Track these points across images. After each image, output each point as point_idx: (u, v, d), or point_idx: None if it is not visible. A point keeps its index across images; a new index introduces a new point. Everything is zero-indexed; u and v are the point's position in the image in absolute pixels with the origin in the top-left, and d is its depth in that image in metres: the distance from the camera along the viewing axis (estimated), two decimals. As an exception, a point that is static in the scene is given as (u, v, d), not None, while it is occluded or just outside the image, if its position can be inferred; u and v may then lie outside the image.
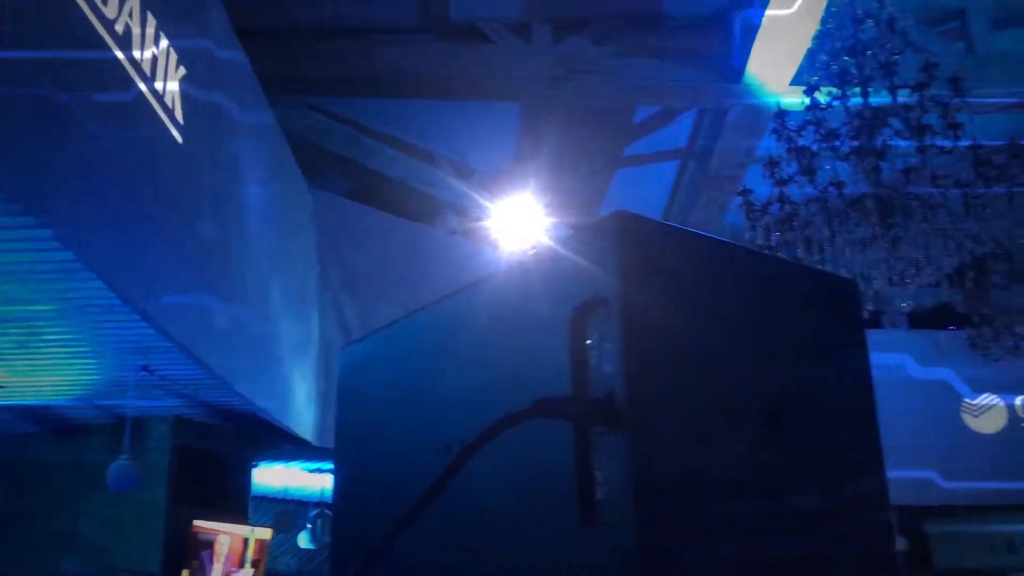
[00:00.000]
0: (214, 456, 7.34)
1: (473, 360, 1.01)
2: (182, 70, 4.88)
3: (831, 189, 5.69)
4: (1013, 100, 7.24)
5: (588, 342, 0.86)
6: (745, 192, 6.22)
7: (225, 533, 6.94)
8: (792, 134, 5.86)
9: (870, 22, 5.73)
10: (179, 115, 4.81)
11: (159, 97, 4.56)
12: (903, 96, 5.46)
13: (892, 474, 1.01)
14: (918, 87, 5.35)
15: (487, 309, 1.03)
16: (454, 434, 0.99)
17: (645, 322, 0.82)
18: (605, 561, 0.77)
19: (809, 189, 5.82)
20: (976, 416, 11.34)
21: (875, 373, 1.04)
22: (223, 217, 5.61)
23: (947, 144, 5.25)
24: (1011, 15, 7.62)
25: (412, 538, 0.82)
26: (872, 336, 1.35)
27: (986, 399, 11.38)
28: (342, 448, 1.28)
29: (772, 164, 5.98)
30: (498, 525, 0.90)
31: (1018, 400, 11.36)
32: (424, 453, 1.03)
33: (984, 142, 5.43)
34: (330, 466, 7.98)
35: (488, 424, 0.85)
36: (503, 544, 0.89)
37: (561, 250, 0.94)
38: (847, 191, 5.71)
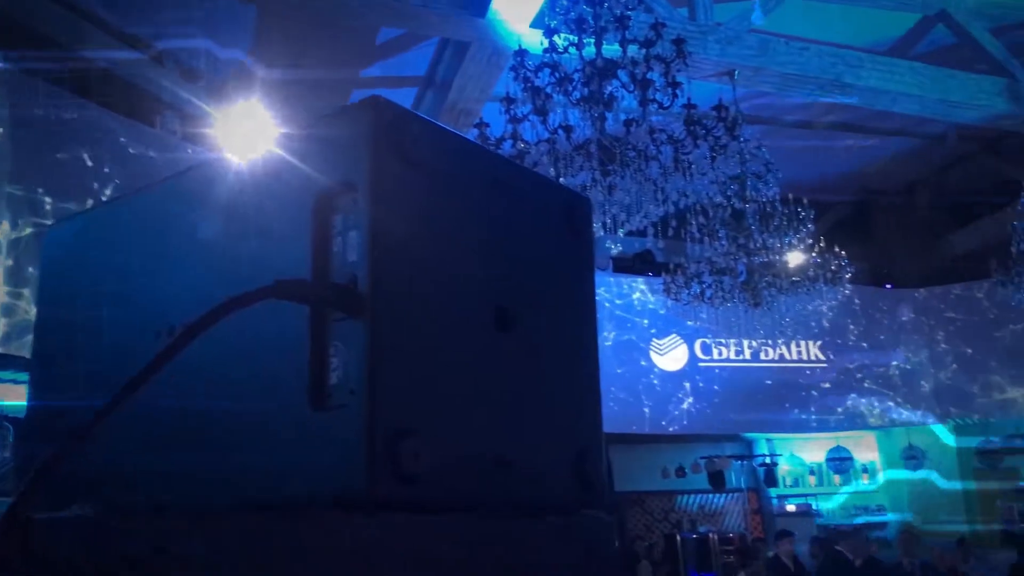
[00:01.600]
0: None
1: (204, 241, 0.95)
2: None
3: (560, 132, 5.96)
4: (724, 67, 7.94)
5: (332, 228, 0.84)
6: (481, 125, 6.35)
7: None
8: (529, 74, 6.04)
9: (610, -27, 6.00)
10: None
11: None
12: (632, 51, 5.80)
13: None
14: (646, 43, 5.71)
15: (224, 188, 0.97)
16: (178, 317, 0.93)
17: (394, 211, 0.82)
18: (333, 444, 0.76)
19: (541, 130, 6.05)
20: (661, 355, 12.56)
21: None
22: None
23: (666, 101, 5.66)
24: (731, -10, 8.33)
25: (120, 427, 0.76)
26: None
27: (671, 340, 12.62)
28: (43, 334, 1.16)
29: (508, 101, 6.14)
30: (219, 408, 0.87)
31: (697, 342, 12.72)
32: (142, 337, 0.96)
33: (697, 104, 5.92)
34: (9, 376, 7.30)
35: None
36: (224, 427, 0.86)
37: (308, 134, 0.91)
38: (574, 136, 6.00)
